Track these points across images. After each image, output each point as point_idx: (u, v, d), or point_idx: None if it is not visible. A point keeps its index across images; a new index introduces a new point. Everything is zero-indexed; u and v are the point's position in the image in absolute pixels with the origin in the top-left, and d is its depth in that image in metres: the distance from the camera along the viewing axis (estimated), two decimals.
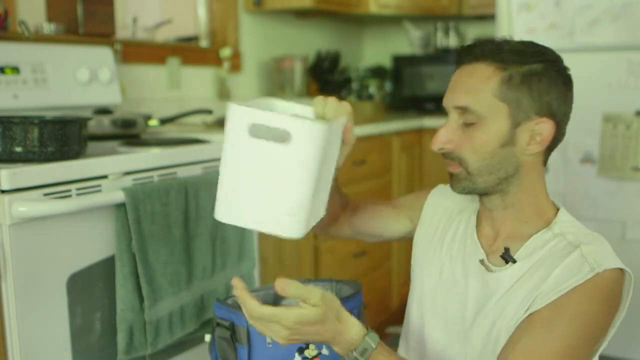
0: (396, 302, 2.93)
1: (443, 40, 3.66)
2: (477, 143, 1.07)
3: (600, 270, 1.01)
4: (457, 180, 1.11)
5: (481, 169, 1.08)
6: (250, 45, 3.08)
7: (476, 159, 1.08)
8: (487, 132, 1.06)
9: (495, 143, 1.07)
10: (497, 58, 1.06)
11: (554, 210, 1.14)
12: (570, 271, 1.02)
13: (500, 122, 1.06)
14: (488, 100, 1.06)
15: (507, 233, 1.13)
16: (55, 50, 2.04)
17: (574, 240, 1.06)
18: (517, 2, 2.61)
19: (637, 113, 2.44)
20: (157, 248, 1.50)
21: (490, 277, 1.11)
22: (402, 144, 2.94)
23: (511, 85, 1.05)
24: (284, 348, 1.11)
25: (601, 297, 1.01)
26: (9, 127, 1.37)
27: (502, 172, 1.08)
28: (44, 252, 1.34)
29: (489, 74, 1.06)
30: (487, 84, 1.06)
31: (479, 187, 1.10)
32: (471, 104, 1.06)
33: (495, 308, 1.08)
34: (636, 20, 2.41)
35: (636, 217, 2.47)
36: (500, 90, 1.05)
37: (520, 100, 1.05)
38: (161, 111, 2.41)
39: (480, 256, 1.14)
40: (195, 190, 1.61)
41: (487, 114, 1.06)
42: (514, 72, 1.05)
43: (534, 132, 1.07)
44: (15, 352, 1.30)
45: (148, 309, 1.47)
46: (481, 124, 1.06)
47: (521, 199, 1.11)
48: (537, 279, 1.05)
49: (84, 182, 1.41)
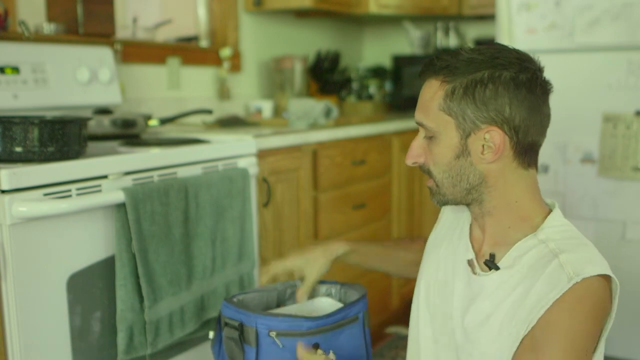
0: (396, 302, 2.93)
1: (443, 40, 3.65)
2: (435, 156, 1.11)
3: (578, 279, 0.99)
4: (432, 194, 1.16)
5: (444, 181, 1.11)
6: (250, 45, 3.08)
7: (438, 171, 1.11)
8: (441, 145, 1.09)
9: (450, 155, 1.09)
10: (445, 72, 1.08)
11: (542, 214, 1.11)
12: (549, 284, 1.01)
13: (450, 134, 1.08)
14: (436, 115, 1.09)
15: (492, 238, 1.13)
16: (55, 50, 2.04)
17: (555, 247, 1.05)
18: (517, 2, 2.61)
19: (637, 113, 2.44)
20: (157, 248, 1.50)
21: (474, 280, 1.12)
22: (402, 144, 2.94)
23: (454, 98, 1.07)
24: (292, 351, 1.11)
25: (583, 308, 0.99)
26: (9, 127, 1.37)
27: (465, 183, 1.10)
28: (44, 252, 1.34)
29: (436, 89, 1.09)
30: (434, 99, 1.09)
31: (449, 199, 1.13)
32: (424, 120, 1.11)
33: (478, 311, 1.09)
34: (636, 20, 2.41)
35: (636, 217, 2.47)
36: (444, 103, 1.07)
37: (465, 112, 1.06)
38: (161, 111, 2.41)
39: (469, 256, 1.15)
40: (195, 190, 1.61)
41: (438, 128, 1.09)
42: (457, 84, 1.06)
43: (485, 141, 1.07)
44: (15, 352, 1.30)
45: (148, 309, 1.47)
46: (435, 137, 1.10)
47: (497, 205, 1.11)
48: (521, 291, 1.04)
49: (84, 182, 1.41)
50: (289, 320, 1.13)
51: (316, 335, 1.14)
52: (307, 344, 1.11)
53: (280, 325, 1.12)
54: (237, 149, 1.84)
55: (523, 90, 1.05)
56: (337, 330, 1.18)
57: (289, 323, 1.13)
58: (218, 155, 1.78)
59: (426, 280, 1.23)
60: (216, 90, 2.88)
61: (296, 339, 1.11)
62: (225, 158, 1.79)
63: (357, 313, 1.24)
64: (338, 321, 1.19)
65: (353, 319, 1.23)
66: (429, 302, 1.21)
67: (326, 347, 1.14)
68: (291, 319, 1.14)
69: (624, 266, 2.42)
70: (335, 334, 1.17)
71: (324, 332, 1.15)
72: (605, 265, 1.03)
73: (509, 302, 1.05)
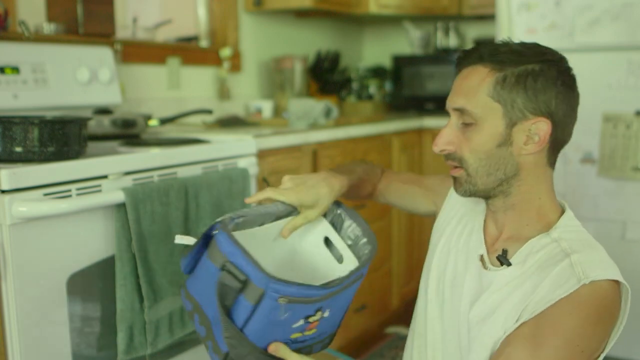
0: (396, 302, 2.93)
1: (443, 40, 3.65)
2: (474, 143, 1.09)
3: (587, 281, 0.99)
4: (459, 184, 1.13)
5: (479, 170, 1.09)
6: (250, 45, 3.08)
7: (474, 159, 1.09)
8: (483, 132, 1.08)
9: (492, 143, 1.08)
10: (494, 59, 1.08)
11: (557, 213, 1.13)
12: (558, 282, 1.02)
13: (495, 122, 1.07)
14: (483, 101, 1.07)
15: (508, 234, 1.13)
16: (55, 50, 2.04)
17: (567, 247, 1.06)
18: (517, 2, 2.61)
19: (637, 113, 2.44)
20: (157, 248, 1.50)
21: (485, 275, 1.12)
22: (402, 144, 2.94)
23: (505, 85, 1.06)
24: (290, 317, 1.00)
25: (587, 310, 1.00)
26: (9, 127, 1.37)
27: (501, 173, 1.09)
28: (44, 252, 1.34)
29: (484, 75, 1.08)
30: (481, 85, 1.07)
31: (479, 189, 1.11)
32: (467, 105, 1.08)
33: (483, 306, 1.09)
34: (636, 20, 2.41)
35: (636, 217, 2.47)
36: (494, 90, 1.07)
37: (515, 100, 1.06)
38: (161, 111, 2.41)
39: (481, 251, 1.15)
40: (195, 190, 1.61)
41: (483, 114, 1.07)
42: (509, 73, 1.06)
43: (530, 132, 1.08)
44: (15, 352, 1.30)
45: (148, 309, 1.47)
46: (477, 124, 1.08)
47: (522, 200, 1.11)
48: (528, 288, 1.04)
49: (84, 182, 1.41)
50: (304, 289, 0.99)
51: (323, 300, 1.03)
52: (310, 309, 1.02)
53: (294, 293, 0.98)
54: (237, 149, 1.84)
55: (567, 87, 1.09)
56: (342, 291, 1.07)
57: (304, 291, 0.99)
58: (218, 155, 1.78)
59: (436, 274, 1.22)
60: (216, 90, 2.88)
61: (302, 305, 1.00)
62: (225, 158, 1.79)
63: (363, 272, 1.12)
64: (347, 284, 1.07)
65: (359, 277, 1.11)
66: (439, 296, 1.20)
67: (326, 308, 1.05)
68: (306, 288, 0.99)
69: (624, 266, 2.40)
70: (338, 295, 1.07)
71: (331, 296, 1.04)
72: (616, 270, 1.03)
73: (517, 297, 1.05)
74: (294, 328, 1.02)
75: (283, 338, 1.03)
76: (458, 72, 1.14)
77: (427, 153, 3.12)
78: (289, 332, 1.02)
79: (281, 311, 0.99)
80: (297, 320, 1.02)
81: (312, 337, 1.08)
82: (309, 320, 1.03)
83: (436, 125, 3.09)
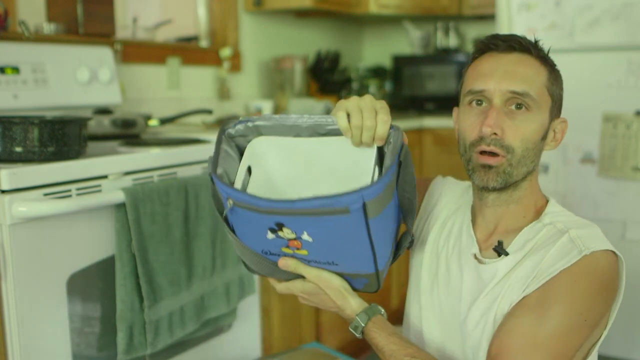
0: (396, 302, 2.93)
1: (443, 40, 3.65)
2: (526, 131, 1.06)
3: (588, 252, 1.01)
4: (497, 173, 1.07)
5: (522, 160, 1.07)
6: (250, 45, 3.08)
7: (523, 148, 1.07)
8: (535, 122, 1.07)
9: (539, 134, 1.09)
10: (539, 54, 1.09)
11: (544, 200, 1.15)
12: (559, 254, 1.03)
13: (545, 114, 1.09)
14: (541, 91, 1.08)
15: (503, 228, 1.13)
16: (55, 50, 2.04)
17: (563, 227, 1.07)
18: (517, 2, 2.61)
19: (637, 113, 2.44)
20: (157, 248, 1.50)
21: (483, 269, 1.11)
22: None
23: (554, 81, 1.09)
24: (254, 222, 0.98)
25: (590, 278, 1.01)
26: (9, 127, 1.37)
27: (532, 165, 1.10)
28: (44, 252, 1.34)
29: (538, 67, 1.08)
30: (539, 75, 1.08)
31: (512, 180, 1.08)
32: (530, 90, 1.06)
33: (487, 298, 1.08)
34: (636, 20, 2.41)
35: (636, 217, 2.47)
36: (549, 83, 1.09)
37: (559, 97, 1.10)
38: (161, 111, 2.41)
39: (474, 250, 1.14)
40: (195, 190, 1.61)
41: (540, 103, 1.07)
42: (551, 69, 1.10)
43: (556, 130, 1.12)
44: (15, 352, 1.30)
45: (148, 309, 1.47)
46: (531, 112, 1.07)
47: (527, 194, 1.12)
48: (528, 268, 1.05)
49: (84, 182, 1.41)
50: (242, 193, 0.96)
51: (280, 215, 0.95)
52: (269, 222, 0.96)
53: (236, 196, 0.96)
54: None
55: None
56: (314, 217, 0.94)
57: (241, 195, 0.95)
58: None
59: (429, 280, 1.21)
60: (216, 90, 2.88)
61: (255, 214, 0.95)
62: None
63: (347, 204, 0.91)
64: (309, 209, 0.92)
65: (340, 210, 0.92)
66: (433, 300, 1.18)
67: (297, 229, 0.96)
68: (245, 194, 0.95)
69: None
70: (311, 220, 0.94)
71: (291, 215, 0.94)
72: (610, 245, 1.05)
73: (519, 278, 1.05)
74: (270, 240, 1.00)
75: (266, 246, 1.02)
76: (491, 55, 1.09)
77: (427, 153, 3.12)
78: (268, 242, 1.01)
79: (235, 214, 0.99)
80: (264, 230, 0.99)
81: (314, 260, 1.03)
82: (281, 236, 0.98)
83: (436, 125, 3.09)
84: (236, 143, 1.11)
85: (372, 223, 0.96)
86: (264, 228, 0.99)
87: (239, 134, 1.10)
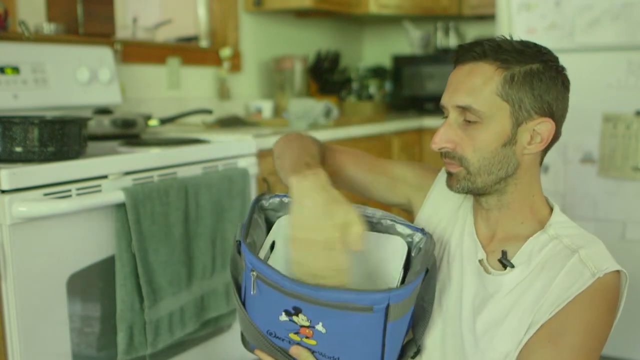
0: None
1: (443, 40, 3.65)
2: (478, 142, 1.07)
3: (601, 275, 1.01)
4: (457, 180, 1.10)
5: (482, 168, 1.08)
6: (250, 45, 3.08)
7: (477, 158, 1.07)
8: (489, 131, 1.06)
9: (497, 142, 1.06)
10: (499, 57, 1.06)
11: (547, 209, 1.13)
12: (572, 278, 1.02)
13: (503, 121, 1.06)
14: (490, 100, 1.05)
15: (503, 234, 1.12)
16: (55, 50, 2.04)
17: (570, 243, 1.06)
18: (517, 2, 2.61)
19: (637, 113, 2.44)
20: (157, 248, 1.50)
21: (489, 279, 1.10)
22: (402, 144, 2.94)
23: (513, 85, 1.05)
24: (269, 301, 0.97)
25: (602, 303, 1.02)
26: (9, 127, 1.37)
27: (502, 172, 1.08)
28: (44, 252, 1.34)
29: (491, 73, 1.06)
30: (489, 83, 1.05)
31: (477, 187, 1.09)
32: (473, 103, 1.05)
33: (495, 310, 1.07)
34: (636, 20, 2.41)
35: (636, 217, 2.47)
36: (502, 89, 1.05)
37: (522, 100, 1.05)
38: (161, 111, 2.41)
39: (480, 256, 1.13)
40: (195, 190, 1.61)
41: (490, 113, 1.05)
42: (516, 71, 1.05)
43: (534, 132, 1.07)
44: (15, 352, 1.30)
45: (148, 309, 1.47)
46: (483, 123, 1.06)
47: (517, 199, 1.10)
48: (539, 288, 1.04)
49: (84, 182, 1.41)
50: (272, 270, 0.94)
51: (300, 300, 0.94)
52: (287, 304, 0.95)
53: (263, 270, 0.95)
54: (237, 149, 1.84)
55: (565, 88, 1.09)
56: (334, 310, 0.94)
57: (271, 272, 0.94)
58: (218, 155, 1.78)
59: None
60: (216, 90, 2.88)
61: (274, 292, 0.94)
62: (225, 158, 1.79)
63: (372, 304, 0.93)
64: (333, 301, 0.93)
65: (363, 308, 0.93)
66: (438, 307, 1.16)
67: (314, 318, 0.95)
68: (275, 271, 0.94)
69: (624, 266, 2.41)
70: (330, 312, 0.94)
71: (312, 303, 0.93)
72: (615, 262, 1.05)
73: (528, 298, 1.04)
74: (281, 322, 0.98)
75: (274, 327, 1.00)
76: (456, 67, 1.11)
77: (427, 153, 3.12)
78: (279, 324, 0.98)
79: (253, 286, 0.97)
80: (278, 311, 0.97)
81: (319, 351, 1.01)
82: (295, 321, 0.97)
83: (436, 125, 3.08)
84: (266, 216, 1.11)
85: (389, 326, 0.97)
86: (279, 308, 0.98)
87: (271, 207, 1.11)
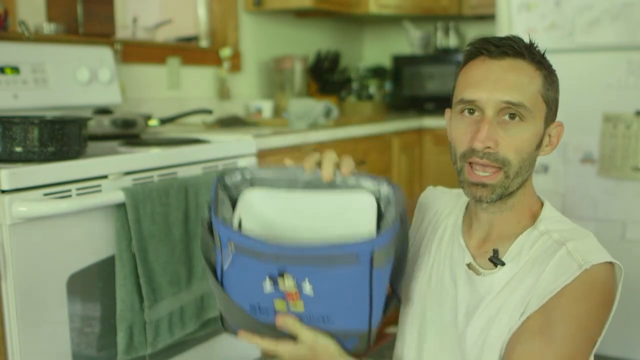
0: None
1: (443, 41, 3.65)
2: (520, 142, 1.02)
3: (588, 266, 0.99)
4: (492, 190, 1.03)
5: (519, 171, 1.03)
6: (250, 45, 3.08)
7: (518, 159, 1.02)
8: (530, 131, 1.02)
9: (534, 143, 1.04)
10: (533, 57, 1.03)
11: (538, 205, 1.12)
12: (559, 270, 1.01)
13: (539, 122, 1.04)
14: (534, 98, 1.02)
15: (498, 235, 1.10)
16: (55, 50, 2.04)
17: (559, 238, 1.04)
18: (517, 2, 2.61)
19: (637, 113, 2.44)
20: (157, 248, 1.50)
21: (480, 281, 1.08)
22: (402, 144, 2.94)
23: (549, 86, 1.04)
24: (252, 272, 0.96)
25: (592, 295, 1.00)
26: (9, 127, 1.37)
27: (527, 175, 1.06)
28: (44, 252, 1.34)
29: (533, 72, 1.02)
30: (533, 82, 1.02)
31: (506, 193, 1.05)
32: (524, 100, 1.00)
33: (486, 311, 1.06)
34: (636, 20, 2.41)
35: (636, 217, 2.47)
36: (544, 89, 1.03)
37: (555, 102, 1.05)
38: (161, 111, 2.41)
39: (467, 260, 1.11)
40: (195, 190, 1.61)
41: (534, 112, 1.02)
42: (548, 73, 1.04)
43: (551, 135, 1.07)
44: (15, 352, 1.30)
45: (148, 309, 1.47)
46: (526, 122, 1.02)
47: (521, 201, 1.09)
48: (528, 284, 1.03)
49: (84, 182, 1.41)
50: (246, 236, 0.94)
51: (283, 262, 0.93)
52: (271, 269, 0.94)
53: (239, 239, 0.93)
54: (237, 149, 1.84)
55: None
56: (320, 267, 0.93)
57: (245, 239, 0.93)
58: (218, 155, 1.78)
59: (417, 289, 1.16)
60: (216, 90, 2.88)
61: (257, 261, 0.93)
62: (225, 158, 1.79)
63: (357, 251, 0.92)
64: (318, 255, 0.93)
65: (348, 257, 0.93)
66: (426, 311, 1.15)
67: (300, 276, 0.94)
68: (249, 237, 0.93)
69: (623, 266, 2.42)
70: (317, 270, 0.94)
71: (297, 262, 0.93)
72: (607, 254, 1.03)
73: (519, 294, 1.03)
74: (266, 292, 0.96)
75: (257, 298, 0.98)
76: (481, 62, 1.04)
77: (427, 153, 3.12)
78: (262, 295, 0.97)
79: (233, 260, 0.95)
80: (261, 279, 0.96)
81: (308, 316, 0.99)
82: (279, 287, 0.95)
83: (436, 125, 3.09)
84: (229, 193, 1.08)
85: (375, 274, 0.96)
86: (262, 277, 0.96)
87: (234, 184, 1.07)
